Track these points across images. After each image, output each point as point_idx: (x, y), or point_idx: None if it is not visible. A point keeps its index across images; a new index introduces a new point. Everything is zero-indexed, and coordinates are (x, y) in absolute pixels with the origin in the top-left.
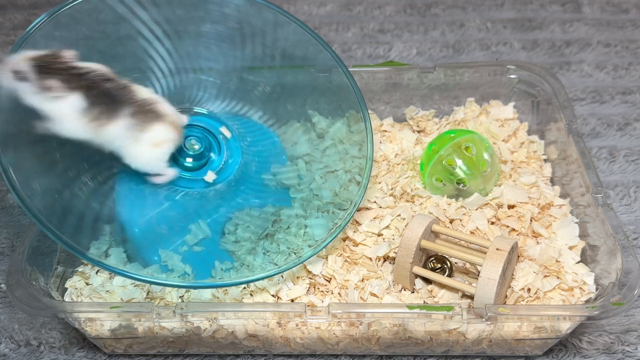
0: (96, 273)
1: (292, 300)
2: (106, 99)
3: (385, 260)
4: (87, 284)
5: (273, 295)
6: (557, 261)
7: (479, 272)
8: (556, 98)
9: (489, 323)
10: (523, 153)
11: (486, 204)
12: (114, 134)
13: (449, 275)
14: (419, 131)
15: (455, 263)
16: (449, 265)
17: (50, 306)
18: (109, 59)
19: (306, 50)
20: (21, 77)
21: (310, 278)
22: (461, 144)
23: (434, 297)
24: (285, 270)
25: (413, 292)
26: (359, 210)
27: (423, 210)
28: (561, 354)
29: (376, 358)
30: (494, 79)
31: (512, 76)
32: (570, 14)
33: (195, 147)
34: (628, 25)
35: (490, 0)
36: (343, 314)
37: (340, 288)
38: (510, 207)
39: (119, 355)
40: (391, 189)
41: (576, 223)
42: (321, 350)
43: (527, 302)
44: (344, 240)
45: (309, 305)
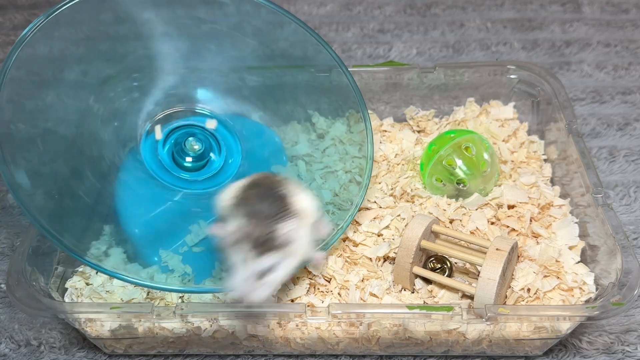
0: (96, 273)
1: (292, 301)
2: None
3: (385, 261)
4: (87, 284)
5: (273, 296)
6: (557, 261)
7: (479, 272)
8: (556, 98)
9: (489, 323)
10: (523, 153)
11: (486, 204)
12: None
13: (449, 276)
14: (419, 131)
15: (455, 263)
16: (449, 265)
17: (51, 307)
18: (109, 59)
19: (306, 50)
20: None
21: (310, 278)
22: (461, 144)
23: (434, 298)
24: None
25: (413, 293)
26: (359, 211)
27: (423, 210)
28: (561, 354)
29: (376, 358)
30: (494, 79)
31: (512, 76)
32: (570, 14)
33: (196, 148)
34: (628, 25)
35: (490, 0)
36: (343, 314)
37: (340, 288)
38: (510, 207)
39: (119, 355)
40: (391, 189)
41: (576, 223)
42: (321, 351)
43: (527, 302)
44: (344, 241)
45: (309, 305)
